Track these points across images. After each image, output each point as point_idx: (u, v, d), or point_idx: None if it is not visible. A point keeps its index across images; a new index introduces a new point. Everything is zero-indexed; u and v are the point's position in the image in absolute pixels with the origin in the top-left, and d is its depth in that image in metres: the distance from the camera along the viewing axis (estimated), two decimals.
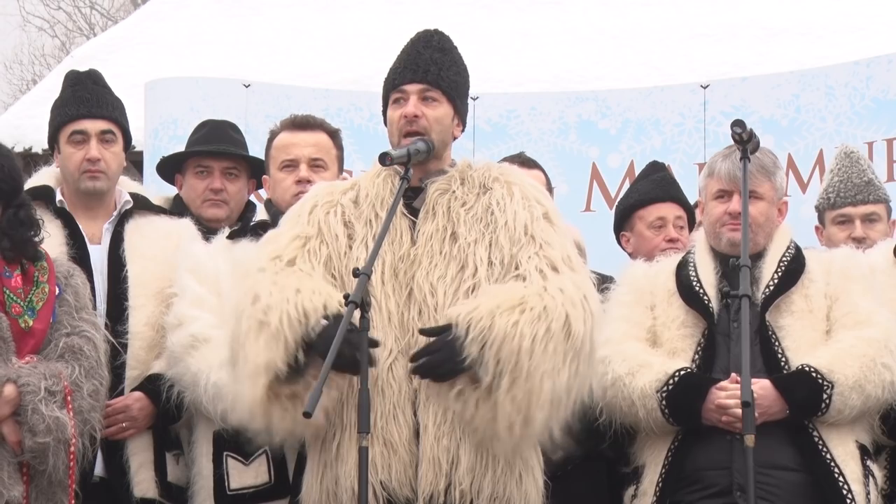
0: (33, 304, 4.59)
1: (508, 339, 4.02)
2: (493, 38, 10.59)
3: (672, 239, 5.71)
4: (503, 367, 4.02)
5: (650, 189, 5.95)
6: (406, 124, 4.33)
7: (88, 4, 26.90)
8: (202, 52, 10.79)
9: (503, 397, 4.03)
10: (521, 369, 4.02)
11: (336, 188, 4.45)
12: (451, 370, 4.06)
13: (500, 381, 4.03)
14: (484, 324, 4.03)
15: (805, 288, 4.84)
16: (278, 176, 5.20)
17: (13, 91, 26.43)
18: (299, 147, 5.20)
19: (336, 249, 4.29)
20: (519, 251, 4.23)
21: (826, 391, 4.64)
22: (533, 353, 4.03)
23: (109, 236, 5.12)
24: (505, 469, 4.18)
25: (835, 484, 4.64)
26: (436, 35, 4.47)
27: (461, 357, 4.03)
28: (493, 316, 4.04)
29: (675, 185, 5.91)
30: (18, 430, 4.46)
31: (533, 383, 4.03)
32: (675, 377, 4.72)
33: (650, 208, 5.83)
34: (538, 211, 4.32)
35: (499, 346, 4.02)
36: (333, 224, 4.32)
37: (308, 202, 4.40)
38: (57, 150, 5.19)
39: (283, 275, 4.17)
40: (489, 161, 4.51)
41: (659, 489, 4.75)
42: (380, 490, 4.11)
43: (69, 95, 5.19)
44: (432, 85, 4.36)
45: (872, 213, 5.63)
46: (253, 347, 4.08)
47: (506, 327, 4.02)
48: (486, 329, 4.03)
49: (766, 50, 10.00)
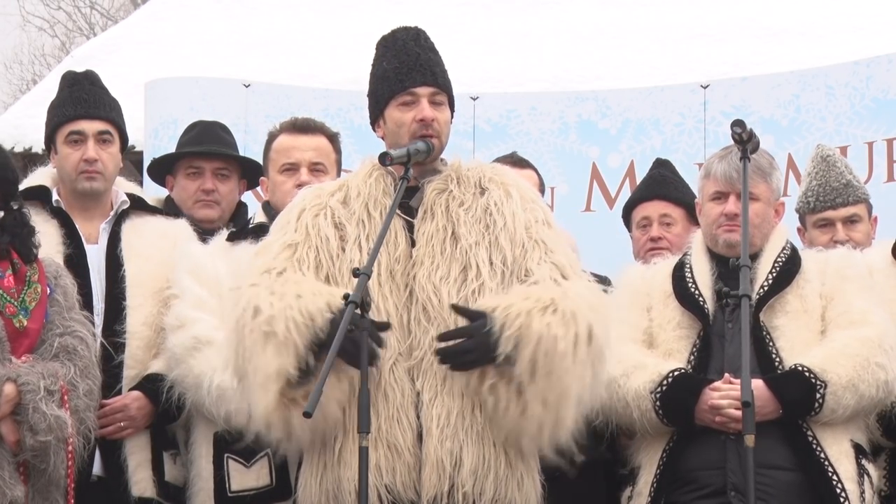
0: (26, 304, 4.59)
1: (544, 341, 4.03)
2: (493, 38, 10.59)
3: (654, 238, 5.69)
4: (537, 368, 4.04)
5: (638, 189, 5.98)
6: (421, 127, 4.31)
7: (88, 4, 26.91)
8: (202, 52, 10.78)
9: (534, 398, 4.05)
10: (554, 372, 4.04)
11: (323, 191, 4.43)
12: (480, 360, 4.07)
13: (532, 382, 4.04)
14: (522, 321, 4.04)
15: (800, 288, 4.84)
16: (278, 179, 5.19)
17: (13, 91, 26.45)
18: (300, 151, 5.19)
19: (326, 252, 4.28)
20: (524, 255, 4.23)
21: (819, 391, 4.65)
22: (566, 356, 4.05)
23: (107, 236, 5.12)
24: (507, 471, 4.18)
25: (829, 483, 4.64)
26: (420, 34, 4.46)
27: (494, 351, 4.04)
28: (530, 315, 4.04)
29: (665, 182, 5.87)
30: (16, 429, 4.46)
31: (564, 386, 4.05)
32: (669, 378, 4.73)
33: (637, 209, 5.85)
34: (539, 214, 4.32)
35: (535, 346, 4.03)
36: (323, 226, 4.30)
37: (296, 208, 4.38)
38: (54, 151, 5.19)
39: (278, 284, 4.16)
40: (479, 161, 4.51)
41: (654, 490, 4.76)
42: (385, 494, 4.11)
43: (66, 96, 5.19)
44: (441, 88, 4.37)
45: (853, 214, 5.64)
46: (262, 358, 4.07)
47: (541, 328, 4.03)
48: (524, 327, 4.03)
49: (766, 50, 9.99)
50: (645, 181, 6.00)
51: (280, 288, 4.14)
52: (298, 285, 4.13)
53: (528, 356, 4.03)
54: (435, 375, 4.15)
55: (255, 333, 4.09)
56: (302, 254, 4.25)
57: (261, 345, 4.07)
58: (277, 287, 4.15)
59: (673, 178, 5.92)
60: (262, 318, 4.08)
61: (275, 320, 4.06)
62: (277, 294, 4.12)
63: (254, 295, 4.15)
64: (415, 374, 4.17)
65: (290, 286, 4.13)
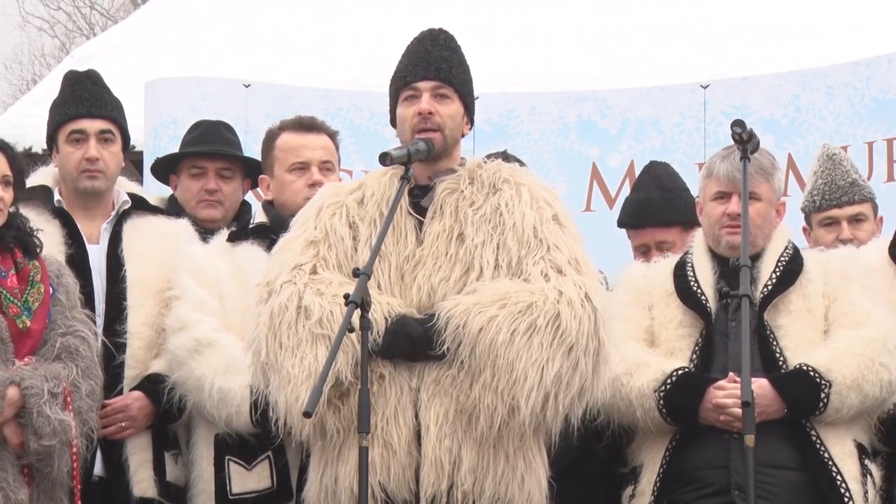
0: (29, 304, 4.59)
1: (484, 334, 4.09)
2: (493, 38, 10.58)
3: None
4: (480, 361, 4.10)
5: (629, 212, 5.93)
6: (420, 121, 4.33)
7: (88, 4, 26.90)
8: (202, 52, 10.78)
9: (483, 389, 4.10)
10: (500, 362, 4.09)
11: (342, 189, 4.46)
12: (418, 356, 4.13)
13: (480, 375, 4.10)
14: (458, 321, 4.11)
15: (803, 288, 4.85)
16: (287, 178, 5.16)
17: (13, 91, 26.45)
18: (310, 149, 5.18)
19: (343, 251, 4.31)
20: (526, 255, 4.23)
21: (824, 390, 4.65)
22: (512, 346, 4.10)
23: (108, 236, 5.12)
24: (507, 470, 4.19)
25: (832, 483, 4.64)
26: (442, 34, 4.48)
27: (431, 347, 4.11)
28: (468, 314, 4.11)
29: (651, 205, 5.82)
30: (20, 432, 4.46)
31: (515, 374, 4.09)
32: (673, 377, 4.73)
33: (631, 234, 5.87)
34: (548, 213, 4.33)
35: (473, 341, 4.10)
36: (338, 226, 4.33)
37: (315, 205, 4.42)
38: (55, 150, 5.19)
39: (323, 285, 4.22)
40: (499, 161, 4.51)
41: (657, 489, 4.75)
42: (378, 491, 4.13)
43: (68, 95, 5.19)
44: (445, 82, 4.38)
45: (858, 213, 5.65)
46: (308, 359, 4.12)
47: (482, 323, 4.10)
48: (461, 326, 4.10)
49: (766, 50, 9.99)
50: (633, 204, 5.96)
51: (326, 289, 4.18)
52: (343, 288, 4.13)
53: (467, 352, 4.10)
54: (434, 375, 4.16)
55: (302, 333, 4.15)
56: (324, 252, 4.29)
57: (309, 345, 4.13)
58: (324, 288, 4.19)
59: (659, 195, 5.87)
60: (313, 321, 4.14)
61: (326, 323, 4.13)
62: (327, 297, 4.16)
63: (295, 293, 4.20)
64: (414, 373, 4.17)
65: (336, 288, 4.17)
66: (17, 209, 4.70)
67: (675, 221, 5.70)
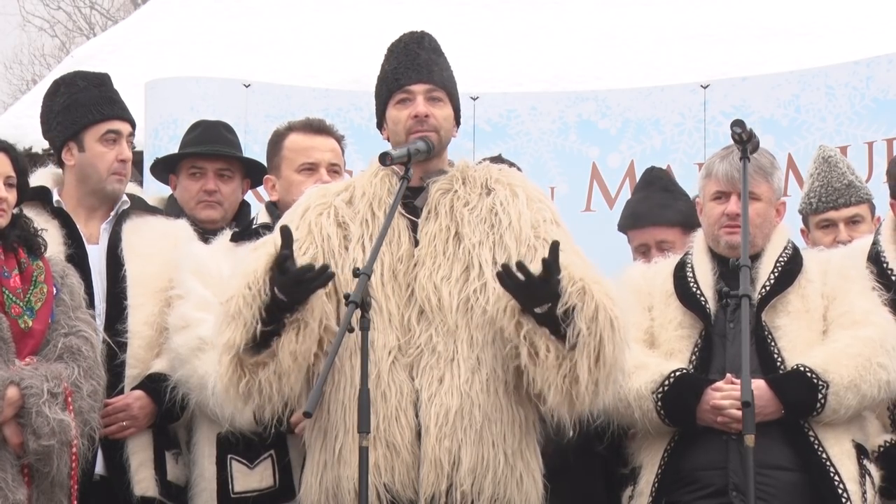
0: (32, 305, 4.59)
1: (601, 307, 4.09)
2: (493, 38, 10.58)
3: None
4: (594, 329, 4.08)
5: (629, 213, 5.94)
6: (416, 124, 4.34)
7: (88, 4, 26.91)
8: (202, 52, 10.77)
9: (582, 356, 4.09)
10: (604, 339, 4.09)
11: (329, 190, 4.46)
12: (543, 299, 4.06)
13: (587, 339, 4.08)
14: (578, 287, 4.08)
15: (802, 288, 4.84)
16: (295, 178, 5.17)
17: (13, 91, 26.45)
18: (320, 151, 5.20)
19: (328, 250, 4.30)
20: (535, 255, 4.22)
21: (821, 391, 4.65)
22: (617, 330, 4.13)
23: (107, 236, 5.11)
24: (506, 470, 4.19)
25: (830, 483, 4.64)
26: (425, 37, 4.49)
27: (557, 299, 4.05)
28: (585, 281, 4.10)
29: (651, 204, 5.84)
30: (20, 432, 4.46)
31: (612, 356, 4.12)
32: (671, 378, 4.73)
33: (631, 233, 5.87)
34: (547, 214, 4.34)
35: (595, 308, 4.08)
36: (325, 225, 4.33)
37: (300, 206, 4.42)
38: (76, 149, 5.09)
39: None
40: (487, 163, 4.53)
41: (655, 489, 4.76)
42: (384, 493, 4.13)
43: (96, 95, 5.11)
44: (438, 85, 4.39)
45: (856, 214, 5.65)
46: (218, 337, 4.17)
47: (599, 297, 4.09)
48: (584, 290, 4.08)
49: (766, 50, 9.99)
50: (632, 205, 5.96)
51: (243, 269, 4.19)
52: (257, 262, 4.14)
53: (590, 314, 4.07)
54: (434, 374, 4.16)
55: (219, 317, 4.19)
56: (300, 250, 4.25)
57: (220, 322, 4.18)
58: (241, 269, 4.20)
59: (660, 195, 5.87)
60: (225, 302, 4.17)
61: (231, 299, 4.14)
62: (240, 275, 4.17)
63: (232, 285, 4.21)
64: (414, 372, 4.18)
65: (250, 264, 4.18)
66: (20, 210, 4.70)
67: (675, 222, 5.70)
